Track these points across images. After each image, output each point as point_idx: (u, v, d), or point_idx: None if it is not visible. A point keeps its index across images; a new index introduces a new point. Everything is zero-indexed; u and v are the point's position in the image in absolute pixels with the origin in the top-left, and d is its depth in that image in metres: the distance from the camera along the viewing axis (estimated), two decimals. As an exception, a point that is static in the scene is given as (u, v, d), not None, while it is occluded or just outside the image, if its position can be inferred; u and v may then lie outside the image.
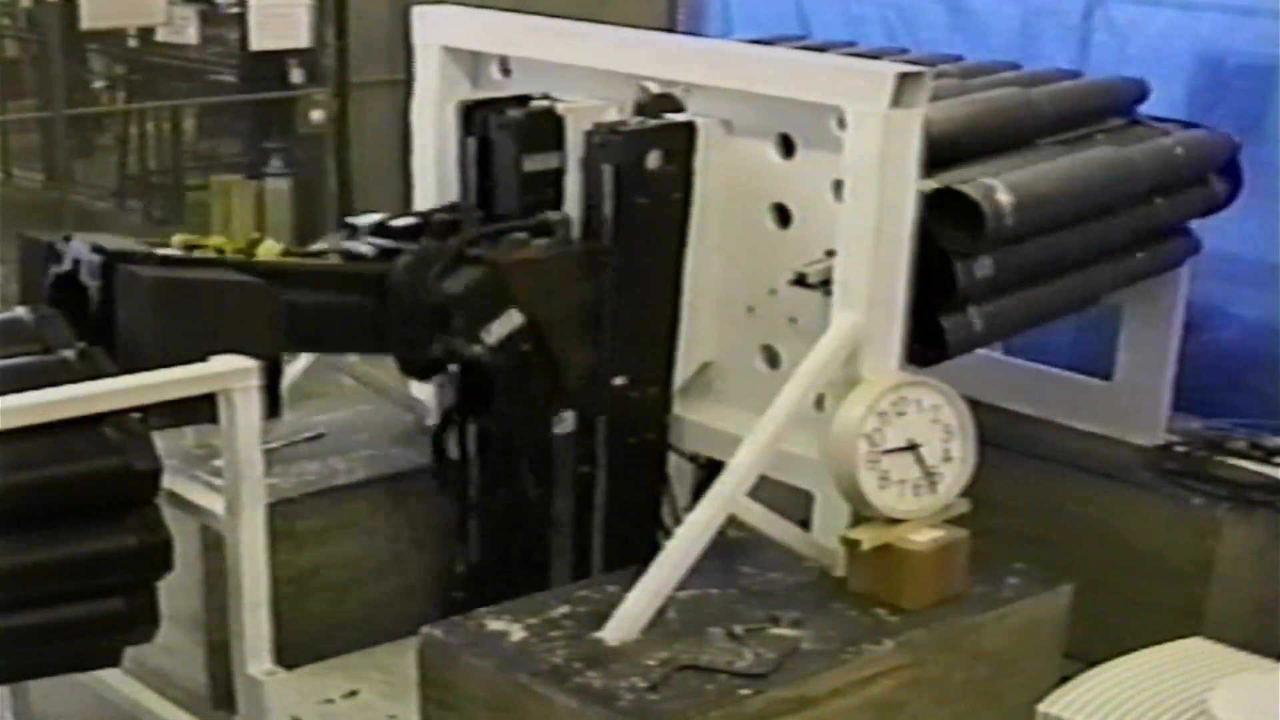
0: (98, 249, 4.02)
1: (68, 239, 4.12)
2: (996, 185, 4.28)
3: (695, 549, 4.02)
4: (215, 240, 4.27)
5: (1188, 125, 5.18)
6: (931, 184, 4.22)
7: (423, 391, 5.09)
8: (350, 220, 4.58)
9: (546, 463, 4.60)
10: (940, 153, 4.31)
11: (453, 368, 4.59)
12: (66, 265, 4.07)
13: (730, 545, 4.24)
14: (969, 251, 4.31)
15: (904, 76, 4.07)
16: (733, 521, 4.14)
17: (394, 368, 5.04)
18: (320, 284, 4.32)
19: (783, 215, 4.48)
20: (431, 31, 4.99)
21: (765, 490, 4.19)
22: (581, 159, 4.47)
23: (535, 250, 4.42)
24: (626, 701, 3.65)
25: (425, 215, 4.60)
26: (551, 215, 4.47)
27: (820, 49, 5.11)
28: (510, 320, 4.29)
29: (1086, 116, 4.97)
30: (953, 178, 4.30)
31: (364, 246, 4.40)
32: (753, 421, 4.14)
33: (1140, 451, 5.23)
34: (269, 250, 4.28)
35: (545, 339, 4.37)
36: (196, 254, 4.17)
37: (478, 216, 4.54)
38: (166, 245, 4.23)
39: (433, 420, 4.87)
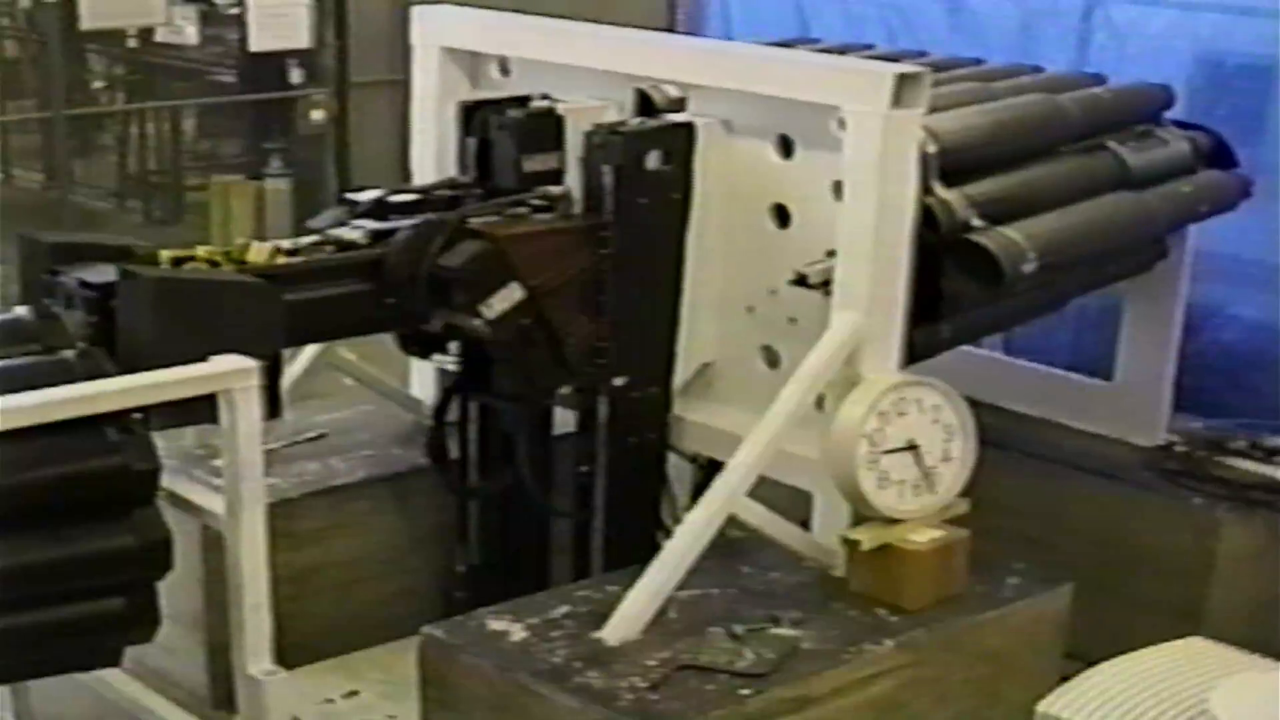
0: (85, 284, 3.95)
1: (55, 273, 4.03)
2: (1023, 245, 4.28)
3: (695, 549, 4.02)
4: (203, 251, 4.18)
5: (1214, 136, 5.18)
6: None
7: (423, 391, 5.10)
8: (349, 196, 4.51)
9: (546, 445, 4.62)
10: (964, 161, 4.34)
11: (453, 345, 4.59)
12: (60, 301, 4.00)
13: (730, 545, 4.24)
14: (974, 299, 4.35)
15: (903, 77, 4.07)
16: (733, 521, 4.14)
17: (394, 368, 5.05)
18: (315, 279, 4.26)
19: (782, 215, 4.48)
20: (431, 31, 4.99)
21: (765, 490, 4.19)
22: (581, 159, 4.47)
23: (536, 224, 4.40)
24: (626, 701, 3.65)
25: (425, 190, 4.56)
26: (552, 190, 4.45)
27: (840, 52, 5.11)
28: (511, 294, 4.25)
29: (1112, 124, 4.97)
30: (982, 193, 4.31)
31: (355, 232, 4.35)
32: (753, 421, 4.14)
33: (1140, 451, 5.23)
34: (259, 253, 4.21)
35: (546, 312, 4.33)
36: (187, 268, 4.09)
37: (478, 192, 4.51)
38: (155, 260, 4.13)
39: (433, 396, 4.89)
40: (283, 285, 4.09)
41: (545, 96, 4.63)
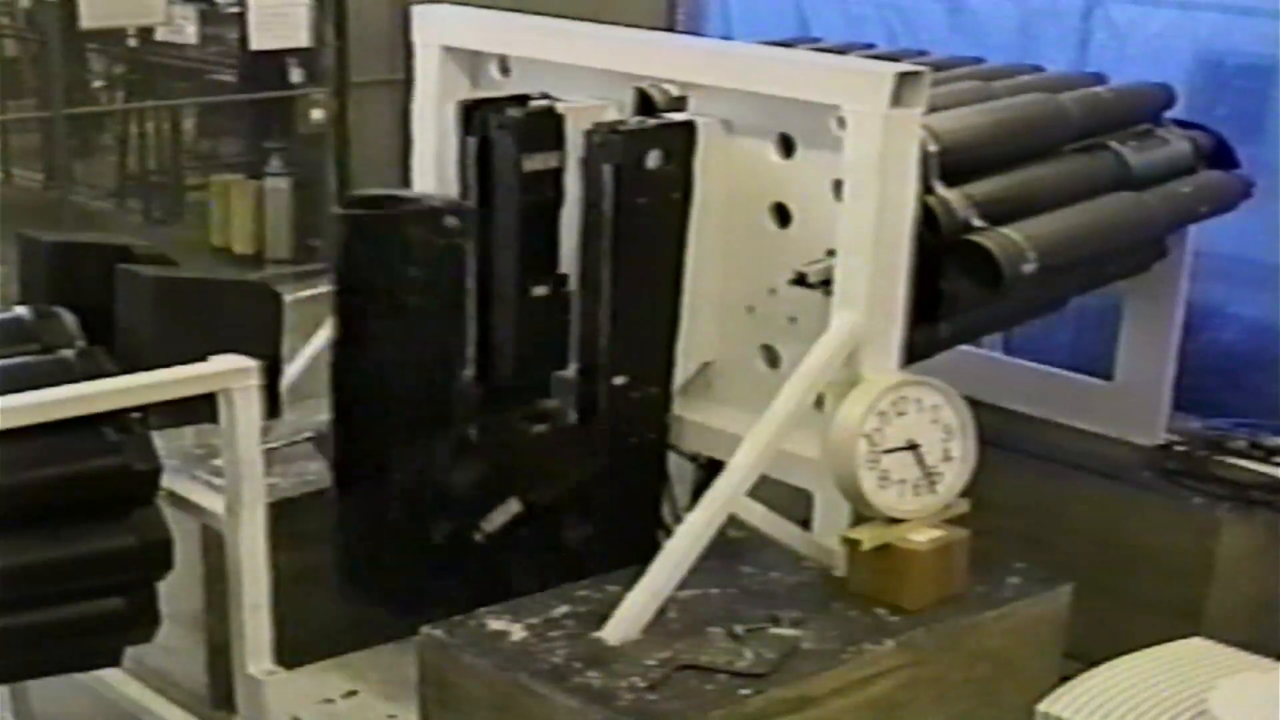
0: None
1: None
2: (1023, 246, 4.29)
3: (695, 549, 4.02)
4: None
5: (1215, 136, 5.18)
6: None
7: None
8: None
9: None
10: (965, 161, 4.34)
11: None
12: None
13: (730, 545, 4.24)
14: (974, 299, 4.35)
15: (903, 76, 4.07)
16: (733, 521, 4.14)
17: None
18: None
19: (783, 215, 4.48)
20: (431, 31, 4.98)
21: (765, 490, 4.19)
22: (581, 159, 4.47)
23: (533, 440, 4.47)
24: (626, 701, 3.65)
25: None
26: (547, 403, 4.51)
27: (840, 51, 5.11)
28: (509, 508, 4.38)
29: (1112, 123, 4.97)
30: (982, 192, 4.32)
31: None
32: (753, 421, 4.14)
33: (1140, 451, 5.23)
34: None
35: (543, 523, 4.44)
36: None
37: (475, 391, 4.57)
38: None
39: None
40: None
41: (545, 96, 4.63)
